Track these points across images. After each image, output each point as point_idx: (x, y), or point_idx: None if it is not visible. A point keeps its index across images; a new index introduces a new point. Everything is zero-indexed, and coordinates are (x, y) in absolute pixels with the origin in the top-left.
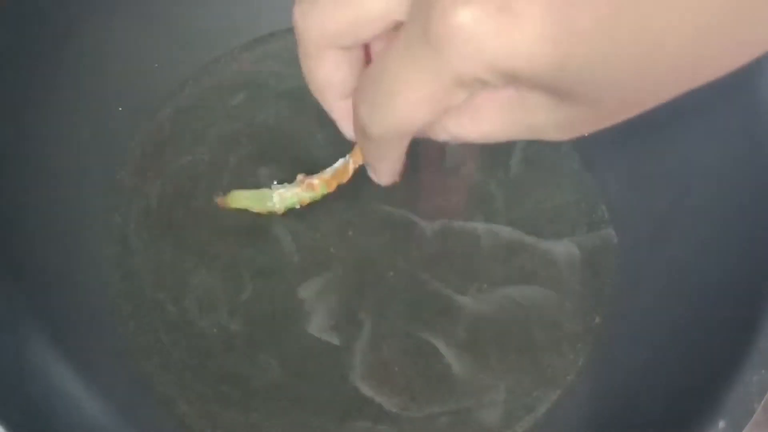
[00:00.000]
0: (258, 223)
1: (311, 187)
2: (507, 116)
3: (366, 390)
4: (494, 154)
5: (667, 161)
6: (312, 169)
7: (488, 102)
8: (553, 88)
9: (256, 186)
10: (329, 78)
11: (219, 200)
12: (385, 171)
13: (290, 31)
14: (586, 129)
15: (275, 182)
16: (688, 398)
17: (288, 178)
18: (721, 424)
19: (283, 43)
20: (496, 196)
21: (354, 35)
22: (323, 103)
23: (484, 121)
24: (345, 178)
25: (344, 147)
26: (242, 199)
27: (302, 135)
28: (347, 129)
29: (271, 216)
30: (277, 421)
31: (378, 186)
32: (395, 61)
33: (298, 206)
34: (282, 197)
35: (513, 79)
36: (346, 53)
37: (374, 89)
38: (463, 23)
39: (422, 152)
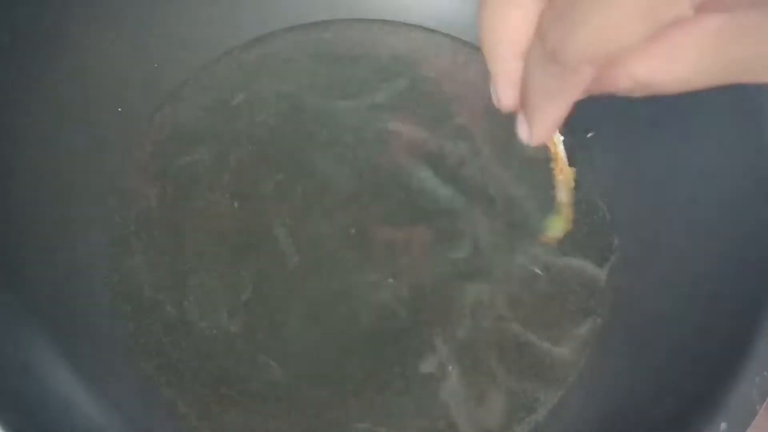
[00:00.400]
0: (258, 224)
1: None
2: (716, 50)
3: (366, 390)
4: (494, 154)
5: (669, 162)
6: (313, 170)
7: (692, 35)
8: None
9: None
10: (512, 32)
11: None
12: (547, 119)
13: (290, 30)
14: None
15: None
16: (689, 399)
17: (288, 179)
18: (723, 425)
19: (283, 43)
20: (497, 197)
21: None
22: (493, 60)
23: (686, 60)
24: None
25: (344, 148)
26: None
27: (302, 135)
28: (506, 94)
29: (271, 216)
30: (277, 423)
31: (380, 187)
32: None
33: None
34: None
35: None
36: (538, 3)
37: (575, 3)
38: None
39: None
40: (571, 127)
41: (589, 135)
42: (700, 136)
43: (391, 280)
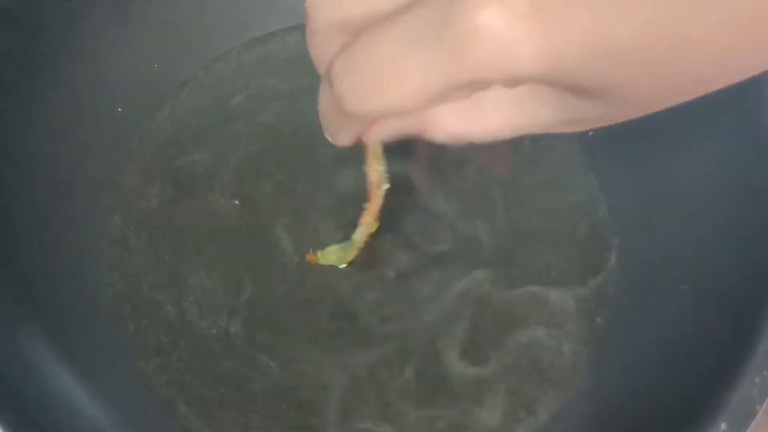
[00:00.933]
0: (258, 224)
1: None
2: (514, 112)
3: (366, 391)
4: (495, 154)
5: (668, 161)
6: (313, 170)
7: (494, 98)
8: (572, 88)
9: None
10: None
11: (310, 257)
12: (343, 138)
13: (290, 30)
14: (596, 124)
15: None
16: (689, 399)
17: (288, 179)
18: (723, 425)
19: (283, 43)
20: (497, 197)
21: (365, 23)
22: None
23: (489, 118)
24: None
25: (343, 148)
26: (330, 255)
27: (302, 135)
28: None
29: (271, 216)
30: (277, 423)
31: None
32: (398, 43)
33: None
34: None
35: (531, 81)
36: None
37: (366, 65)
38: (491, 24)
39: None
40: None
41: (590, 134)
42: (702, 137)
43: (391, 273)
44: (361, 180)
